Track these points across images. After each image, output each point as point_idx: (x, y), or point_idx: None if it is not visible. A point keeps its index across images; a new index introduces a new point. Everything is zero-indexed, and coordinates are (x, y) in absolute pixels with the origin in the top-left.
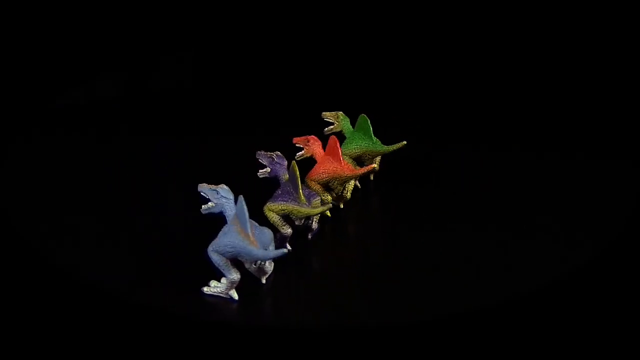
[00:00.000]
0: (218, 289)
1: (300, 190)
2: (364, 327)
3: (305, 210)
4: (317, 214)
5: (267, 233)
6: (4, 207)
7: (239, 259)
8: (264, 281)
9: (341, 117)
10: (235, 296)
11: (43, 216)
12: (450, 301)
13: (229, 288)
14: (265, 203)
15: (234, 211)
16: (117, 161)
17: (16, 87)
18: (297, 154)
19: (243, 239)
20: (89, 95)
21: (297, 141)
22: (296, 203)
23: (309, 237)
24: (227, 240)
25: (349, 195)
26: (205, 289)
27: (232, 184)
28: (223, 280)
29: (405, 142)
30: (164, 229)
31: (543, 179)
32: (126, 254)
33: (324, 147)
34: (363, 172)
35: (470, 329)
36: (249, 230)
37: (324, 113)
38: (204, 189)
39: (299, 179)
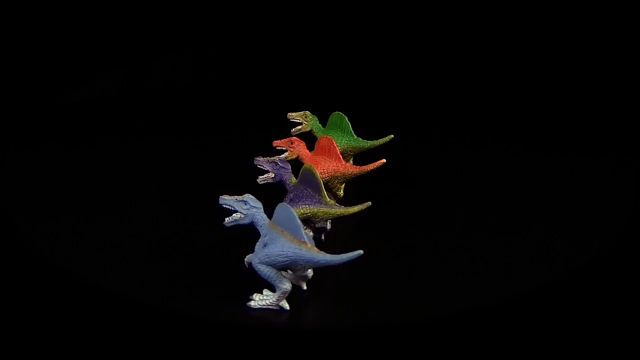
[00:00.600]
0: (267, 301)
1: (324, 192)
2: (362, 327)
3: (338, 210)
4: (352, 213)
5: (309, 236)
6: (4, 207)
7: (292, 267)
8: (305, 287)
9: (309, 117)
10: (287, 306)
11: (43, 217)
12: (450, 301)
13: (281, 299)
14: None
15: (265, 220)
16: (116, 161)
17: (16, 87)
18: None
19: (299, 247)
20: (89, 95)
21: (279, 144)
22: (321, 205)
23: (322, 238)
24: (278, 250)
25: (341, 193)
26: (252, 303)
27: (229, 186)
28: (265, 291)
29: (392, 136)
30: (164, 229)
31: (543, 179)
32: (127, 255)
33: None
34: (371, 168)
35: (470, 329)
36: (304, 237)
37: (289, 114)
38: (228, 201)
39: (321, 180)
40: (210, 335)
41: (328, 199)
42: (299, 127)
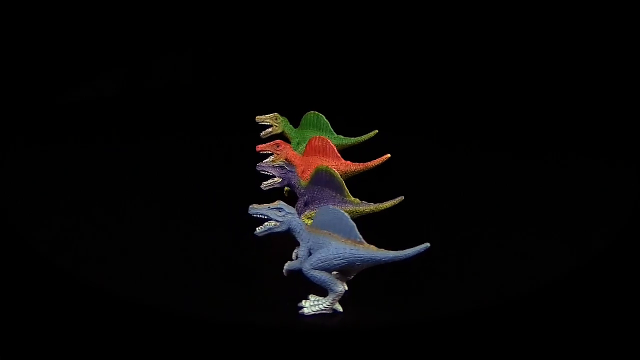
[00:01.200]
0: (321, 306)
1: (347, 190)
2: (362, 327)
3: (367, 208)
4: (383, 209)
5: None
6: (4, 207)
7: (347, 269)
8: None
9: (280, 119)
10: (340, 309)
11: (43, 217)
12: (450, 301)
13: (335, 301)
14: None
15: (303, 225)
16: (116, 161)
17: (16, 87)
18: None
19: (355, 247)
20: (89, 95)
21: (264, 148)
22: (346, 204)
23: None
24: (332, 253)
25: None
26: (304, 310)
27: (228, 186)
28: (312, 296)
29: (376, 131)
30: (164, 229)
31: (543, 179)
32: (128, 255)
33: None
34: (376, 164)
35: (470, 329)
36: (359, 236)
37: (258, 117)
38: (261, 209)
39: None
40: (211, 335)
41: (353, 197)
42: (269, 129)
